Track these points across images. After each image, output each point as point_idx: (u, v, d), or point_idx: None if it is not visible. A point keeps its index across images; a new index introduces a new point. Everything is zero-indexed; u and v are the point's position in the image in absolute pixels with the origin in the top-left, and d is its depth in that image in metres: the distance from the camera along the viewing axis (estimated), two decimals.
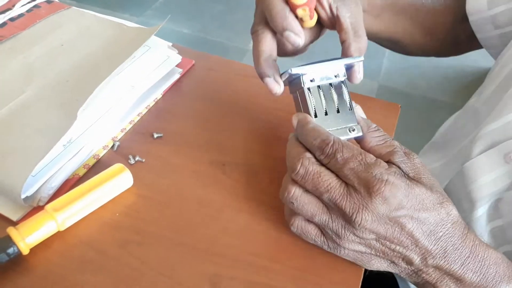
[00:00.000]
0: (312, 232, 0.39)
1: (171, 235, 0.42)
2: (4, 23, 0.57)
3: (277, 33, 0.41)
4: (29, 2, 0.59)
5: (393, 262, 0.38)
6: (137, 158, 0.48)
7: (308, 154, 0.37)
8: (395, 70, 2.00)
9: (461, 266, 0.37)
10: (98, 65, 0.51)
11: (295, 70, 0.39)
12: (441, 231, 0.36)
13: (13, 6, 0.59)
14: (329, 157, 0.36)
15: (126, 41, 0.55)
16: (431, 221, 0.36)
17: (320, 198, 0.37)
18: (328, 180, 0.36)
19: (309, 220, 0.39)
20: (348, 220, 0.36)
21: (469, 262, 0.37)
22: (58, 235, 0.41)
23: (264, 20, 0.42)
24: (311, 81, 0.40)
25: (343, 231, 0.37)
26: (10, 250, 0.38)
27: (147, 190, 0.45)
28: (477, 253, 0.37)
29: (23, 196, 0.41)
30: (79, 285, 0.38)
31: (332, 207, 0.37)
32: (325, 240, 0.39)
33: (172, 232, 0.42)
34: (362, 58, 0.41)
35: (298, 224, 0.39)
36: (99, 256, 0.40)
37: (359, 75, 0.42)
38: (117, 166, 0.44)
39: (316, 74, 0.40)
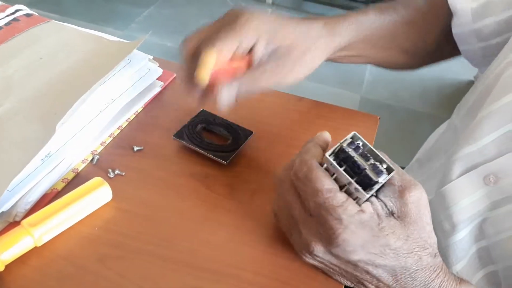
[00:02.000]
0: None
1: (151, 248, 0.41)
2: None
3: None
4: (7, 16, 0.59)
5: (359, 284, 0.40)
6: (116, 172, 0.47)
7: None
8: (377, 83, 2.03)
9: None
10: (77, 79, 0.51)
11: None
12: (401, 275, 0.37)
13: None
14: (299, 180, 0.37)
15: (107, 55, 0.54)
16: (390, 266, 0.37)
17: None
18: (291, 201, 0.38)
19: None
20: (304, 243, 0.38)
21: None
22: (35, 251, 0.40)
23: None
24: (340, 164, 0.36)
25: (299, 248, 0.39)
26: None
27: (127, 203, 0.45)
28: None
29: None
30: None
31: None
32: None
33: (152, 245, 0.42)
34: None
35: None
36: (78, 271, 0.39)
37: None
38: (96, 180, 0.44)
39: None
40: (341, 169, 0.35)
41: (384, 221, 0.36)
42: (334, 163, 0.35)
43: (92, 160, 0.49)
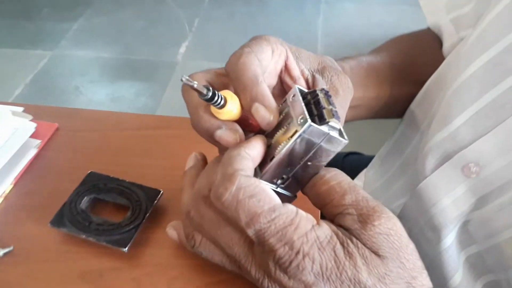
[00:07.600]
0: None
1: None
2: None
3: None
4: None
5: None
6: None
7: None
8: None
9: None
10: None
11: None
12: None
13: None
14: (225, 206, 0.28)
15: None
16: None
17: None
18: (221, 237, 0.29)
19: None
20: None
21: None
22: None
23: None
24: None
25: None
26: None
27: None
28: None
29: None
30: None
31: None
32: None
33: None
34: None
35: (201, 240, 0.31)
36: None
37: None
38: None
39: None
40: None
41: (352, 245, 0.27)
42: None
43: None
